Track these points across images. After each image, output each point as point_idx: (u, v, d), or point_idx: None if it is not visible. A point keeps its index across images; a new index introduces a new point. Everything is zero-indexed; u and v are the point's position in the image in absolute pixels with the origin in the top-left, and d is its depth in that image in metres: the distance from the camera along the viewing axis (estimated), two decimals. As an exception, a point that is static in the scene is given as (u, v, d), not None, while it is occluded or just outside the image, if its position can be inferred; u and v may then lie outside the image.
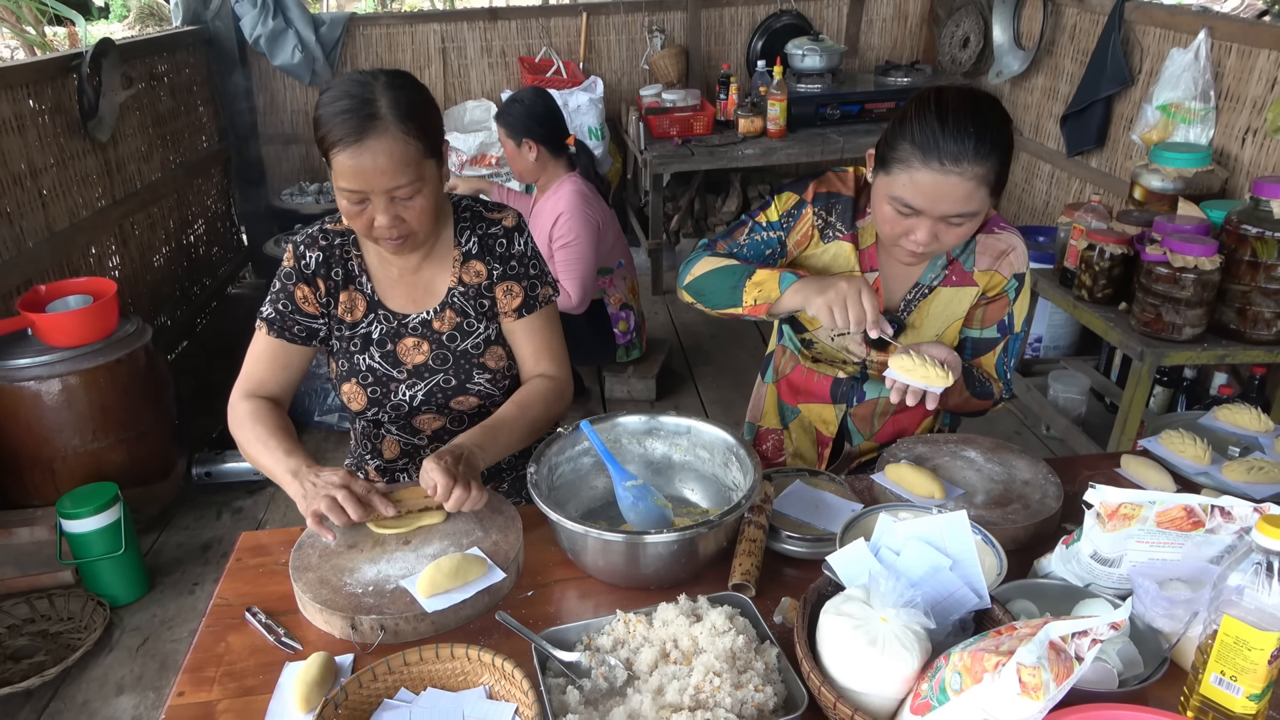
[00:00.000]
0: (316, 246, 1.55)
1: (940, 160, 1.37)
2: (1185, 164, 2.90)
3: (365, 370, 1.59)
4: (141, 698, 2.28)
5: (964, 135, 1.36)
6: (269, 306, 1.56)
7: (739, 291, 1.54)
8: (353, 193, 1.39)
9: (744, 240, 1.66)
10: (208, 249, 4.67)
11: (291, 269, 1.55)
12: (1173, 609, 1.09)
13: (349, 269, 1.57)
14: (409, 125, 1.37)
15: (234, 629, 1.24)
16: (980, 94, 1.44)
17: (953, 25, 4.71)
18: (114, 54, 3.46)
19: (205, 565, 2.78)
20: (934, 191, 1.40)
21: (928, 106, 1.40)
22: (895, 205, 1.45)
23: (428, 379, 1.60)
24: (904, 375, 1.41)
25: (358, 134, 1.35)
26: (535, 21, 4.91)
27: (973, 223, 1.45)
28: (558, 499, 1.40)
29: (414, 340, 1.59)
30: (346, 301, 1.57)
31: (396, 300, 1.59)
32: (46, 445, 2.61)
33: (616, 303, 3.49)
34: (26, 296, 2.71)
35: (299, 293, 1.55)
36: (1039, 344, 3.66)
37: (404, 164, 1.37)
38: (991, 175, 1.39)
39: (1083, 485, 1.23)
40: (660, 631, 1.11)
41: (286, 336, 1.56)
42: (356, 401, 1.61)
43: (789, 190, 1.66)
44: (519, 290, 1.60)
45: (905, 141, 1.41)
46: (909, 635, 0.99)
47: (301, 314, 1.56)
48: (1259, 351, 2.48)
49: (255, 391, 1.55)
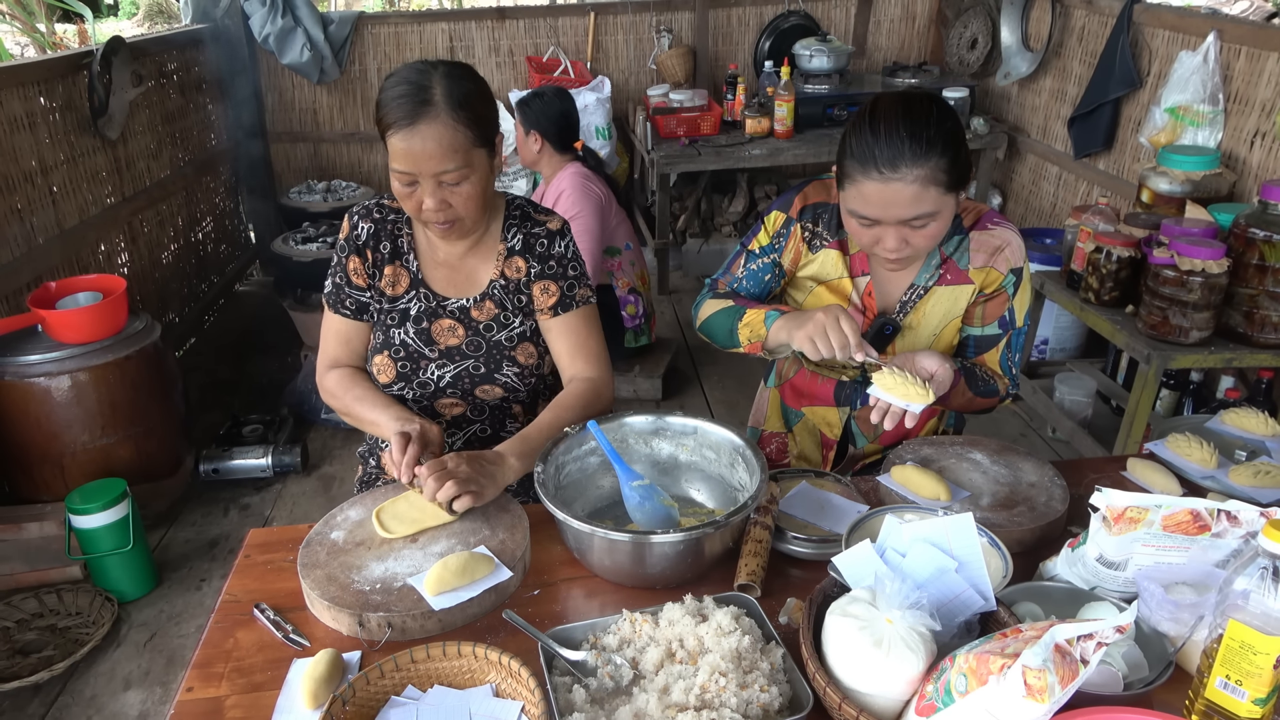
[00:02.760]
0: (370, 218, 1.62)
1: (879, 169, 1.40)
2: (1193, 167, 2.89)
3: (399, 344, 1.63)
4: (149, 693, 2.29)
5: (897, 140, 1.39)
6: (329, 281, 1.65)
7: (735, 334, 1.63)
8: (403, 174, 1.45)
9: (741, 273, 1.72)
10: (216, 247, 4.69)
11: (346, 240, 1.63)
12: (1178, 613, 1.09)
13: (398, 245, 1.63)
14: (460, 114, 1.43)
15: (242, 625, 1.25)
16: (916, 96, 1.46)
17: (961, 26, 4.70)
18: (124, 52, 3.47)
19: (212, 561, 2.79)
20: (881, 200, 1.42)
21: (862, 119, 1.45)
22: (856, 218, 1.49)
23: (459, 362, 1.64)
24: (885, 394, 1.42)
25: (410, 118, 1.41)
26: (543, 21, 4.92)
27: (939, 221, 1.46)
28: (564, 498, 1.41)
29: (450, 322, 1.64)
30: (391, 275, 1.63)
31: (439, 283, 1.65)
32: (56, 441, 2.63)
33: (624, 286, 3.50)
34: (37, 293, 2.72)
35: (351, 264, 1.62)
36: (1045, 346, 3.66)
37: (453, 150, 1.43)
38: (938, 173, 1.40)
39: (1088, 488, 1.23)
40: (666, 631, 1.12)
41: (341, 311, 1.65)
42: (385, 374, 1.65)
43: (776, 209, 1.70)
44: (555, 289, 1.63)
45: (847, 157, 1.46)
46: (914, 637, 1.00)
47: (352, 286, 1.63)
48: (1266, 355, 2.47)
49: (333, 365, 1.67)
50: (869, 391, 1.45)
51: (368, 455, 1.83)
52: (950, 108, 1.46)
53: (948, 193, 1.43)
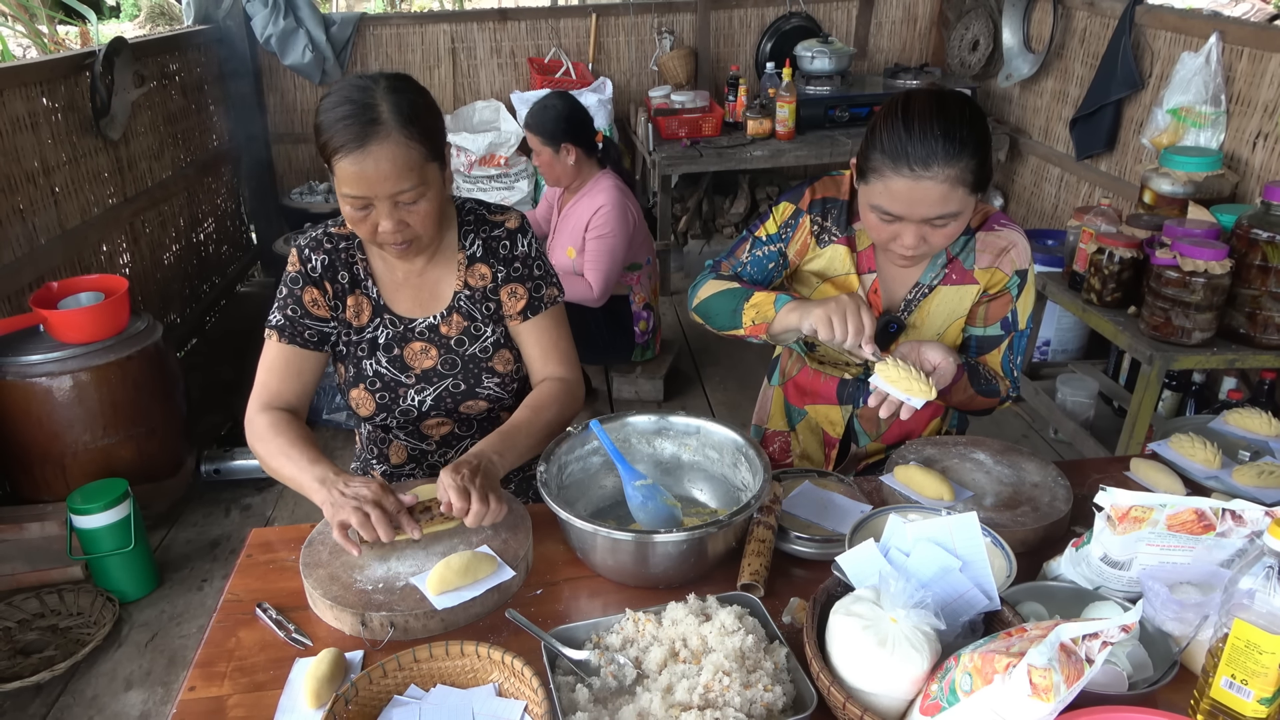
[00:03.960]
0: (321, 250, 1.54)
1: (910, 166, 1.39)
2: (1195, 168, 2.89)
3: (373, 376, 1.58)
4: (150, 693, 2.29)
5: (931, 139, 1.38)
6: (277, 314, 1.54)
7: (738, 314, 1.58)
8: (356, 198, 1.38)
9: (745, 258, 1.70)
10: (217, 247, 4.69)
11: (298, 273, 1.54)
12: (1183, 612, 1.09)
13: (354, 273, 1.56)
14: (411, 130, 1.36)
15: (245, 625, 1.25)
16: (949, 94, 1.45)
17: (962, 28, 4.70)
18: (126, 53, 3.48)
19: (214, 562, 2.79)
20: (909, 197, 1.41)
21: (894, 114, 1.43)
22: (877, 213, 1.48)
23: (436, 384, 1.60)
24: (886, 384, 1.42)
25: (360, 140, 1.34)
26: (545, 22, 4.92)
27: (959, 222, 1.46)
28: (567, 498, 1.41)
29: (421, 345, 1.59)
30: (354, 305, 1.57)
31: (403, 304, 1.59)
32: (57, 441, 2.63)
33: (640, 301, 3.50)
34: (39, 293, 2.72)
35: (307, 296, 1.53)
36: (1047, 347, 3.65)
37: (407, 169, 1.37)
38: (967, 174, 1.40)
39: (1092, 488, 1.23)
40: (669, 630, 1.11)
41: (299, 342, 1.53)
42: (365, 407, 1.60)
43: (786, 200, 1.68)
44: (523, 292, 1.59)
45: (876, 151, 1.44)
46: (919, 636, 0.99)
47: (312, 318, 1.54)
48: (1269, 356, 2.47)
49: (271, 403, 1.51)
50: (870, 380, 1.45)
51: (360, 472, 1.79)
52: (980, 109, 1.45)
53: (972, 194, 1.43)
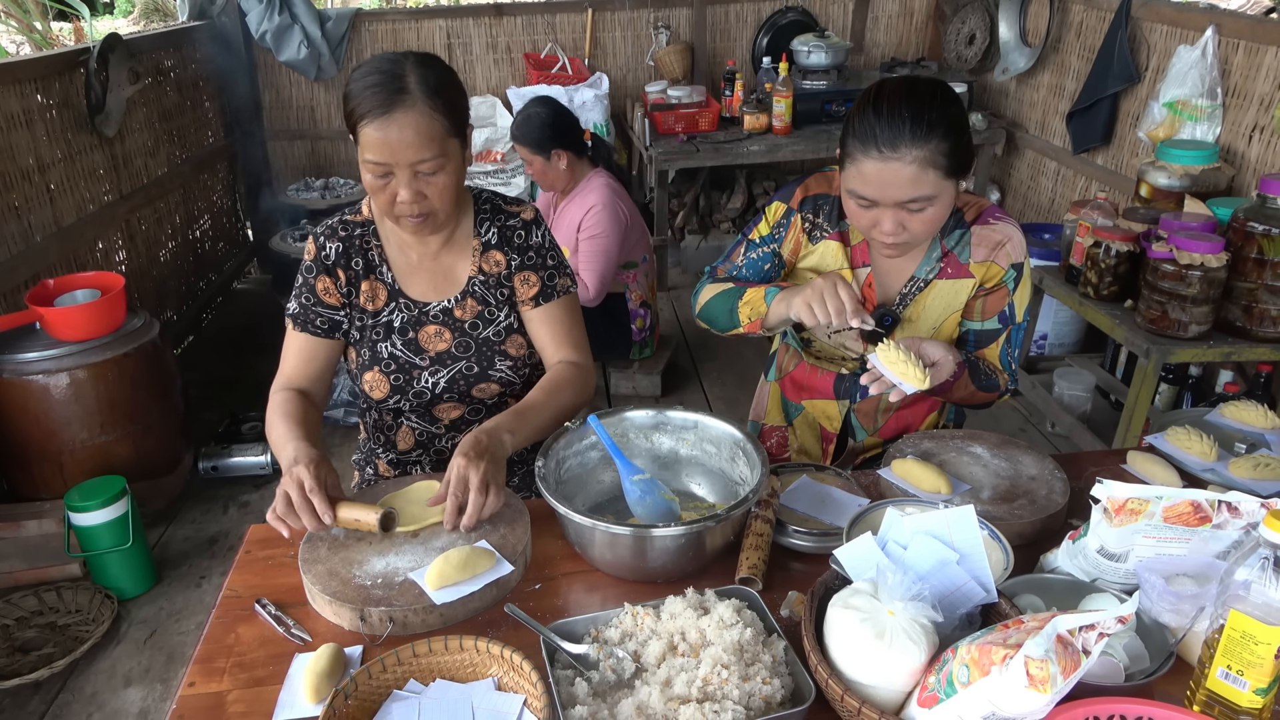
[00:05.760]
0: (336, 237, 1.59)
1: (879, 148, 1.41)
2: (1192, 161, 2.89)
3: (388, 358, 1.61)
4: (149, 690, 2.29)
5: (899, 121, 1.40)
6: (294, 302, 1.60)
7: (735, 314, 1.62)
8: (377, 165, 1.42)
9: (741, 261, 1.73)
10: (213, 244, 4.69)
11: (313, 261, 1.59)
12: (1179, 604, 1.10)
13: (369, 259, 1.60)
14: (436, 101, 1.41)
15: (244, 620, 1.25)
16: (921, 81, 1.47)
17: (959, 22, 4.70)
18: (121, 49, 3.47)
19: (212, 559, 2.79)
20: (879, 179, 1.43)
21: (867, 100, 1.46)
22: (854, 199, 1.50)
23: (450, 366, 1.62)
24: (883, 365, 1.42)
25: (385, 106, 1.38)
26: (541, 17, 4.91)
27: (936, 207, 1.46)
28: (565, 492, 1.41)
29: (435, 328, 1.62)
30: (368, 291, 1.60)
31: (417, 288, 1.62)
32: (54, 439, 2.63)
33: (637, 299, 3.50)
34: (35, 291, 2.72)
35: (320, 285, 1.58)
36: (1044, 341, 3.66)
37: (429, 138, 1.41)
38: (938, 156, 1.41)
39: (1089, 481, 1.23)
40: (668, 624, 1.12)
41: (310, 330, 1.59)
42: (379, 390, 1.63)
43: (778, 200, 1.70)
44: (536, 280, 1.62)
45: (850, 136, 1.46)
46: (916, 628, 1.00)
47: (323, 306, 1.59)
48: (1265, 349, 2.48)
49: (286, 385, 1.59)
50: (869, 357, 1.45)
51: (364, 464, 1.82)
52: (955, 93, 1.46)
53: (947, 178, 1.43)
